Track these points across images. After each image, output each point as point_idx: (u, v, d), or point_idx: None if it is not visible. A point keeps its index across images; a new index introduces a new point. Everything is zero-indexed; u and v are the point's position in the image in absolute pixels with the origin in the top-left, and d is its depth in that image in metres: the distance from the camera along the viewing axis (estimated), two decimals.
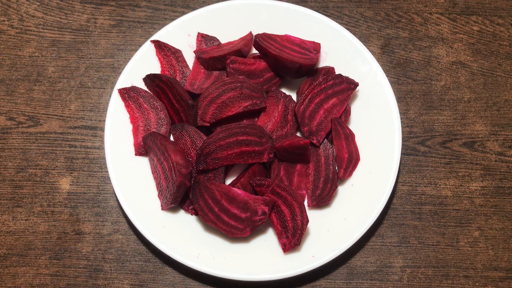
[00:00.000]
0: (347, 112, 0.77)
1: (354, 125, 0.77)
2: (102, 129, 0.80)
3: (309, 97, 0.74)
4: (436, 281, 0.73)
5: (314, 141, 0.74)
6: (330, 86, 0.75)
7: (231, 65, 0.76)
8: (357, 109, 0.78)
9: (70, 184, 0.77)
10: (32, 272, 0.73)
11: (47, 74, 0.83)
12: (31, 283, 0.73)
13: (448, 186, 0.77)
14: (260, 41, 0.76)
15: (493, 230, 0.75)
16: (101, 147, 0.79)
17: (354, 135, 0.76)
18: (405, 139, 0.79)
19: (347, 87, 0.76)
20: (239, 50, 0.77)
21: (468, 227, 0.76)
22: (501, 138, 0.80)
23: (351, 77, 0.77)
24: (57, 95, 0.82)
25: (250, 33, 0.81)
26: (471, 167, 0.78)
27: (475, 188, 0.77)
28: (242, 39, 0.80)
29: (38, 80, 0.83)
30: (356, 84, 0.76)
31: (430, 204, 0.77)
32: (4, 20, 0.87)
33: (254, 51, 0.81)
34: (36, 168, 0.78)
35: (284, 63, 0.76)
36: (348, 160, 0.74)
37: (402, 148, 0.79)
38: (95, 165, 0.79)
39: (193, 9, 0.86)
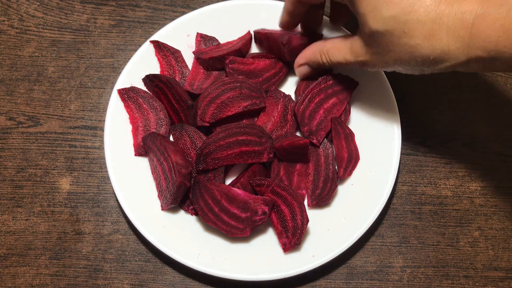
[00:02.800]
0: (347, 112, 0.77)
1: (354, 124, 0.77)
2: (102, 129, 0.80)
3: (308, 97, 0.74)
4: (436, 281, 0.73)
5: (314, 141, 0.74)
6: (330, 85, 0.75)
7: (230, 65, 0.76)
8: (357, 109, 0.78)
9: (70, 184, 0.78)
10: (32, 272, 0.73)
11: (47, 74, 0.84)
12: (31, 283, 0.73)
13: (448, 186, 0.77)
14: (256, 31, 0.79)
15: (493, 230, 0.75)
16: (101, 147, 0.79)
17: (354, 134, 0.76)
18: (405, 139, 0.79)
19: (346, 87, 0.76)
20: (239, 50, 0.77)
21: (468, 227, 0.76)
22: (501, 138, 0.80)
23: (350, 76, 0.77)
24: (57, 95, 0.82)
25: (249, 32, 0.81)
26: (471, 167, 0.78)
27: (475, 188, 0.77)
28: (241, 38, 0.80)
29: (38, 80, 0.83)
30: (356, 84, 0.76)
31: (430, 204, 0.77)
32: (4, 20, 0.87)
33: (253, 50, 0.81)
34: (36, 168, 0.78)
35: (275, 39, 0.76)
36: (348, 160, 0.74)
37: (402, 148, 0.79)
38: (95, 165, 0.79)
39: (193, 9, 0.86)
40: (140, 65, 0.78)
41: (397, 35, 0.58)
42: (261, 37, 0.78)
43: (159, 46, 0.78)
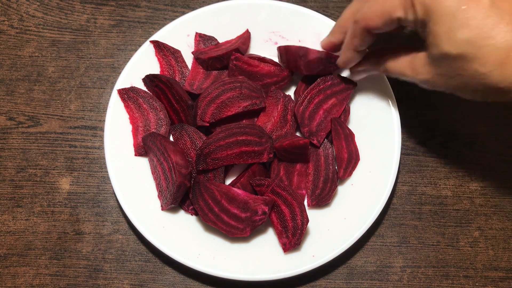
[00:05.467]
0: (346, 112, 0.77)
1: (354, 125, 0.77)
2: (102, 129, 0.80)
3: (308, 97, 0.74)
4: (436, 281, 0.73)
5: (315, 142, 0.74)
6: (329, 86, 0.75)
7: (234, 62, 0.76)
8: (356, 109, 0.78)
9: (70, 184, 0.78)
10: (32, 272, 0.73)
11: (47, 74, 0.84)
12: (31, 283, 0.73)
13: (448, 186, 0.77)
14: (278, 47, 0.78)
15: (493, 230, 0.75)
16: (101, 147, 0.79)
17: (354, 135, 0.76)
18: (405, 139, 0.79)
19: (345, 87, 0.76)
20: (237, 48, 0.77)
21: (468, 227, 0.76)
22: (501, 138, 0.80)
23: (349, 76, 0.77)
24: (57, 95, 0.82)
25: (247, 30, 0.81)
26: (471, 167, 0.78)
27: (475, 188, 0.77)
28: (239, 37, 0.80)
29: (38, 80, 0.83)
30: (355, 84, 0.76)
31: (430, 204, 0.77)
32: (4, 20, 0.87)
33: (252, 50, 0.81)
34: (36, 168, 0.78)
35: (293, 52, 0.75)
36: (348, 160, 0.74)
37: (402, 148, 0.79)
38: (95, 165, 0.79)
39: (193, 9, 0.86)
40: (140, 65, 0.78)
41: (469, 60, 0.55)
42: (281, 51, 0.77)
43: (159, 46, 0.78)
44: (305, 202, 0.74)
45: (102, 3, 0.88)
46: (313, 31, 0.80)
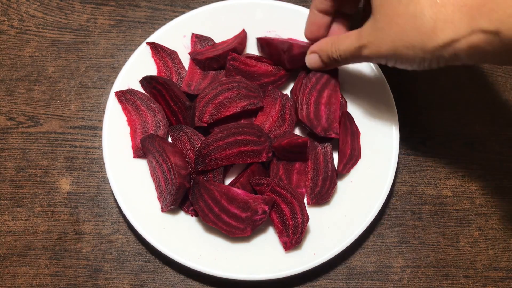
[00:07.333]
0: (343, 104, 0.77)
1: None
2: (102, 129, 0.80)
3: (304, 100, 0.74)
4: (436, 281, 0.73)
5: (333, 135, 0.74)
6: (316, 82, 0.74)
7: (231, 62, 0.76)
8: (356, 108, 0.78)
9: (70, 184, 0.78)
10: (32, 272, 0.73)
11: (47, 74, 0.84)
12: (31, 283, 0.73)
13: (448, 186, 0.77)
14: (258, 38, 0.78)
15: (493, 230, 0.75)
16: (101, 147, 0.79)
17: (359, 133, 0.76)
18: (405, 139, 0.79)
19: (330, 77, 0.75)
20: (234, 48, 0.77)
21: (468, 227, 0.75)
22: (501, 138, 0.79)
23: (348, 75, 0.77)
24: (57, 95, 0.82)
25: (243, 30, 0.80)
26: (471, 167, 0.78)
27: (475, 188, 0.77)
28: (236, 37, 0.80)
29: (38, 80, 0.83)
30: (336, 71, 0.76)
31: (430, 204, 0.76)
32: (4, 20, 0.87)
33: (249, 50, 0.81)
34: (36, 168, 0.79)
35: (275, 45, 0.76)
36: (349, 156, 0.74)
37: (402, 148, 0.78)
38: (95, 165, 0.79)
39: (193, 9, 0.85)
40: (137, 67, 0.77)
41: (405, 3, 0.57)
42: (263, 43, 0.78)
43: (156, 48, 0.78)
44: (305, 200, 0.74)
45: (102, 3, 0.88)
46: None
